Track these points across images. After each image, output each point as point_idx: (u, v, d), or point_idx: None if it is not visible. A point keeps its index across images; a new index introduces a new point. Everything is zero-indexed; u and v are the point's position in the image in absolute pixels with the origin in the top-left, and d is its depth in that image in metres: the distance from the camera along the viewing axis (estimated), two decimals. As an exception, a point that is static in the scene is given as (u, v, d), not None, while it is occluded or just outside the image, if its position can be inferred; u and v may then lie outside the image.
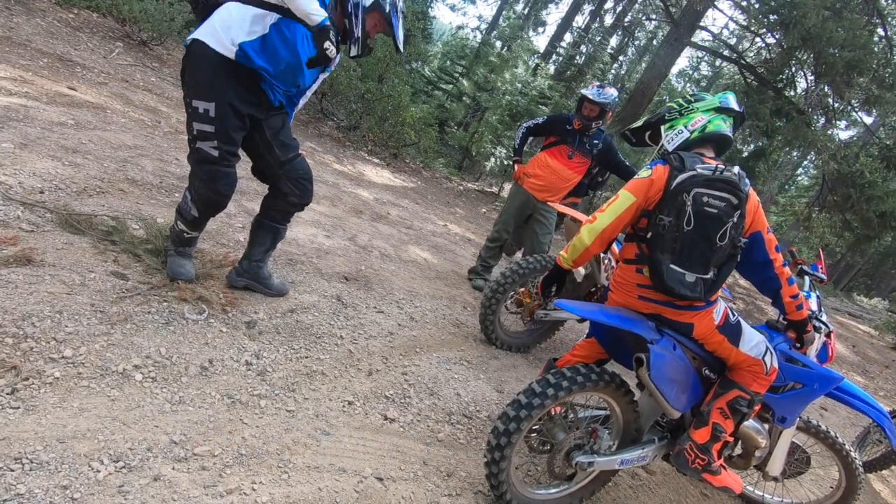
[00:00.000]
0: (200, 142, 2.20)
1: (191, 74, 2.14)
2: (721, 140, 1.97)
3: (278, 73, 2.22)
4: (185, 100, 2.18)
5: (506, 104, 10.30)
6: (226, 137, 2.21)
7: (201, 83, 2.12)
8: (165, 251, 2.54)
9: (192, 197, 2.33)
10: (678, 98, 2.08)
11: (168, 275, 2.46)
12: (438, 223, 6.30)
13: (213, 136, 2.18)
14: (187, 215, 2.38)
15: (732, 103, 1.98)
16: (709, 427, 1.96)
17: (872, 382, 6.80)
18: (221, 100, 2.13)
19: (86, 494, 1.45)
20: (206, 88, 2.12)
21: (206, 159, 2.23)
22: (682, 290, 1.76)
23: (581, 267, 2.99)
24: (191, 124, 2.19)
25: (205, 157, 2.23)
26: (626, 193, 1.84)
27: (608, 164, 4.08)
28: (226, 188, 2.32)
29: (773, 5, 8.98)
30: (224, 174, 2.28)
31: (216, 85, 2.12)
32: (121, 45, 6.50)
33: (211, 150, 2.21)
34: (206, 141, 2.20)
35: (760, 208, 1.87)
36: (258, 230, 2.62)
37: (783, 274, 1.92)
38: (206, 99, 2.13)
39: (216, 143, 2.20)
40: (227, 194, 2.35)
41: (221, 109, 2.15)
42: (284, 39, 2.15)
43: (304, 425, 2.03)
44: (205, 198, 2.32)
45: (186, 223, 2.41)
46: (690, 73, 25.46)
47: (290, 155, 2.47)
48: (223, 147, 2.22)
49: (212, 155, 2.22)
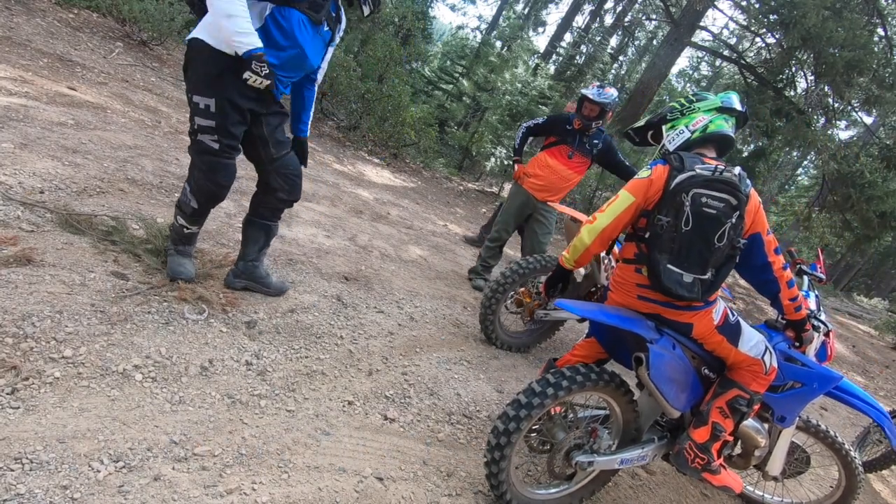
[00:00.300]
0: (201, 135, 2.23)
1: (193, 70, 2.17)
2: (723, 140, 1.95)
3: (282, 64, 2.24)
4: (188, 95, 2.21)
5: (506, 104, 10.30)
6: (226, 132, 2.24)
7: (202, 79, 2.15)
8: (165, 251, 2.54)
9: (192, 188, 2.35)
10: (680, 98, 2.07)
11: (168, 274, 2.47)
12: (438, 223, 6.30)
13: (213, 131, 2.22)
14: (186, 208, 2.40)
15: (735, 103, 1.96)
16: (708, 426, 1.96)
17: (872, 382, 6.80)
18: (222, 96, 2.16)
19: (86, 494, 1.45)
20: (207, 84, 2.15)
21: (206, 151, 2.26)
22: (679, 291, 1.76)
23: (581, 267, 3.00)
24: (193, 118, 2.22)
25: (205, 148, 2.26)
26: (625, 193, 1.85)
27: (608, 164, 4.08)
28: (225, 179, 2.34)
29: (773, 5, 8.98)
30: (224, 166, 2.31)
31: (217, 81, 2.14)
32: (121, 45, 6.50)
33: (211, 142, 2.25)
34: (207, 134, 2.23)
35: (761, 210, 1.86)
36: (250, 229, 2.63)
37: (782, 277, 1.91)
38: (206, 95, 2.15)
39: (216, 136, 2.24)
40: (227, 185, 2.37)
41: (222, 105, 2.18)
42: (281, 29, 2.17)
43: (305, 425, 2.03)
44: (204, 189, 2.34)
45: (186, 217, 2.42)
46: (690, 73, 25.47)
47: (282, 152, 2.50)
48: (223, 140, 2.25)
49: (212, 147, 2.26)
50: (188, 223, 2.44)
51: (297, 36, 2.20)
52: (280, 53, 2.21)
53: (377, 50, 9.04)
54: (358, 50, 10.93)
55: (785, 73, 9.51)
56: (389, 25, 10.60)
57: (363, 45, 10.62)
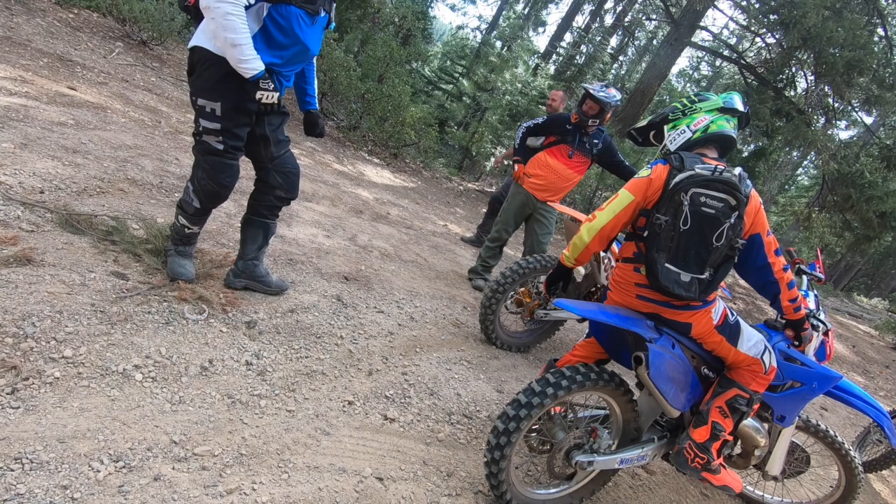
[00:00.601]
0: (206, 136, 2.25)
1: (197, 75, 2.18)
2: (724, 140, 1.95)
3: (286, 61, 2.26)
4: (192, 97, 2.22)
5: (506, 104, 10.31)
6: (231, 134, 2.26)
7: (207, 84, 2.16)
8: (165, 251, 2.55)
9: (195, 188, 2.36)
10: (682, 98, 2.07)
11: (168, 275, 2.47)
12: (438, 223, 6.30)
13: (218, 133, 2.24)
14: (188, 208, 2.40)
15: (737, 104, 1.96)
16: (708, 426, 1.96)
17: (873, 382, 6.79)
18: (227, 99, 2.18)
19: (86, 494, 1.45)
20: (212, 89, 2.16)
21: (210, 151, 2.28)
22: (676, 290, 1.76)
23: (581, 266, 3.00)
24: (197, 120, 2.23)
25: (210, 149, 2.28)
26: (625, 192, 1.85)
27: (608, 164, 4.08)
28: (228, 180, 2.36)
29: (773, 5, 8.98)
30: (228, 166, 2.33)
31: (222, 86, 2.16)
32: (121, 45, 6.50)
33: (216, 143, 2.27)
34: (212, 136, 2.25)
35: (762, 211, 1.86)
36: (249, 228, 2.64)
37: (783, 279, 1.91)
38: (212, 98, 2.17)
39: (221, 138, 2.26)
40: (230, 186, 2.39)
41: (227, 109, 2.20)
42: (280, 28, 2.17)
43: (305, 425, 2.03)
44: (207, 189, 2.35)
45: (187, 216, 2.43)
46: (691, 73, 25.44)
47: (282, 151, 2.52)
48: (228, 142, 2.27)
49: (216, 148, 2.28)
50: (189, 223, 2.45)
51: (297, 33, 2.20)
52: (283, 52, 2.21)
53: (377, 50, 9.04)
54: (358, 50, 10.94)
55: (785, 73, 9.51)
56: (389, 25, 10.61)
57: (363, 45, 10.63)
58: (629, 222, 1.90)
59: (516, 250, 6.15)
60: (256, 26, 2.12)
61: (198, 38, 2.15)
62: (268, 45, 2.15)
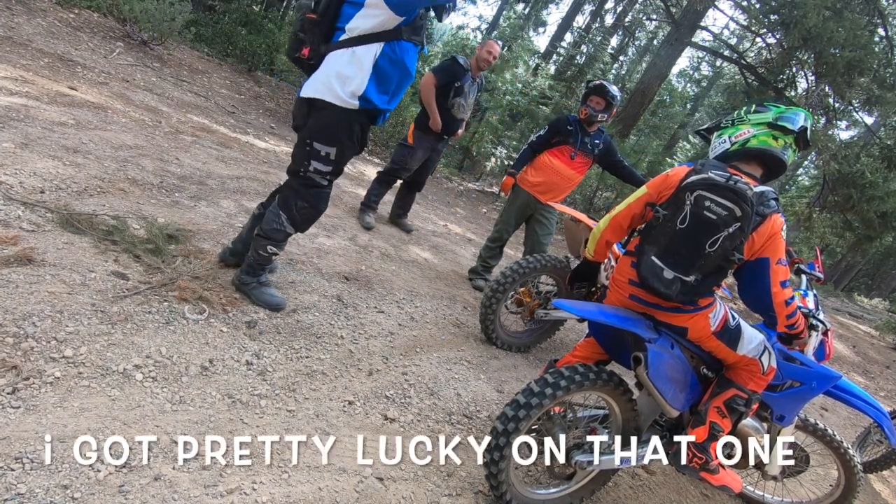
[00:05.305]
0: (313, 174, 2.34)
1: (315, 121, 2.26)
2: (768, 159, 1.81)
3: (393, 96, 2.32)
4: (304, 140, 2.29)
5: (506, 104, 10.28)
6: (339, 171, 2.40)
7: (325, 130, 2.26)
8: (242, 284, 2.58)
9: (290, 216, 2.43)
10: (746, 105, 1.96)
11: (268, 308, 2.58)
12: (439, 223, 6.30)
13: (329, 173, 2.37)
14: (279, 235, 2.47)
15: (790, 121, 1.79)
16: (706, 426, 1.96)
17: (873, 383, 6.79)
18: (343, 143, 2.29)
19: (86, 494, 1.45)
20: (330, 135, 2.26)
21: (314, 185, 2.39)
22: (654, 283, 1.74)
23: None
24: (308, 160, 2.31)
25: (314, 183, 2.38)
26: (643, 187, 1.92)
27: (608, 165, 4.08)
28: (326, 206, 2.52)
29: (774, 5, 8.98)
30: (327, 195, 2.48)
31: (339, 132, 2.26)
32: (121, 45, 6.51)
33: (321, 179, 2.37)
34: (319, 175, 2.35)
35: (780, 237, 1.75)
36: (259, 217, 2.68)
37: (782, 312, 1.81)
38: (328, 144, 2.28)
39: (330, 177, 2.39)
40: (325, 209, 2.55)
41: (342, 151, 2.31)
42: (394, 63, 2.22)
43: (305, 425, 2.03)
44: (307, 217, 2.47)
45: (277, 244, 2.49)
46: (691, 73, 25.45)
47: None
48: (333, 178, 2.41)
49: (321, 183, 2.39)
50: (279, 249, 2.52)
51: (407, 63, 2.26)
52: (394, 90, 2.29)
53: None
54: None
55: (785, 74, 9.51)
56: (390, 25, 10.56)
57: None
58: (640, 214, 1.92)
59: (517, 250, 6.15)
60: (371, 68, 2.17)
61: (317, 90, 2.22)
62: (380, 85, 2.22)
